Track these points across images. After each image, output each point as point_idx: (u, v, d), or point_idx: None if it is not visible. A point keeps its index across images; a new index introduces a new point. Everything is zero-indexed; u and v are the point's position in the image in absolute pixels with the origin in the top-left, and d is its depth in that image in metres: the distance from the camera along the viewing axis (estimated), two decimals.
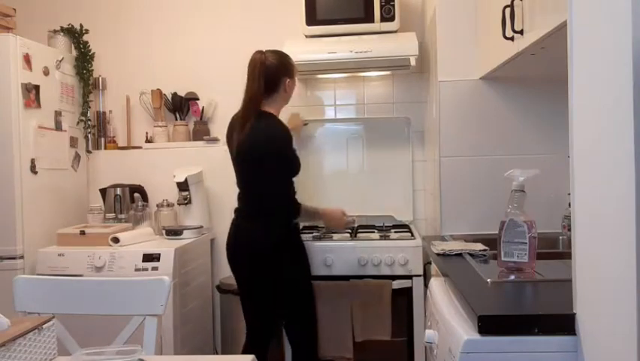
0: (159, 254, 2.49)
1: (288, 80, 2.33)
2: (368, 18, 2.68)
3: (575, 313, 1.10)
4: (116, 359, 1.19)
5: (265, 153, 2.24)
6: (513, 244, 1.49)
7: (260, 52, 2.33)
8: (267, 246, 2.24)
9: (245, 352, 2.43)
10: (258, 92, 2.27)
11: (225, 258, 2.39)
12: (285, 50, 2.65)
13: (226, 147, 2.49)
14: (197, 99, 3.13)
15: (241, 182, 2.38)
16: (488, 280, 1.41)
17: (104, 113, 3.20)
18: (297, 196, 2.36)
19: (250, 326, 2.37)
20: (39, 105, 2.69)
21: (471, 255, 1.75)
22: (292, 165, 2.31)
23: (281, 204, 2.30)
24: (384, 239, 2.52)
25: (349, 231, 2.70)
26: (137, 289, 1.58)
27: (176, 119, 3.13)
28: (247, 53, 3.08)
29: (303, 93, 3.09)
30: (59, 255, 2.55)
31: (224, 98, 3.15)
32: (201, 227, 2.86)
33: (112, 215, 2.91)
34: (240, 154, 2.32)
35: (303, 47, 2.70)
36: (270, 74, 2.28)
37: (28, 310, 1.58)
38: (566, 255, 1.51)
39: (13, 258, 2.52)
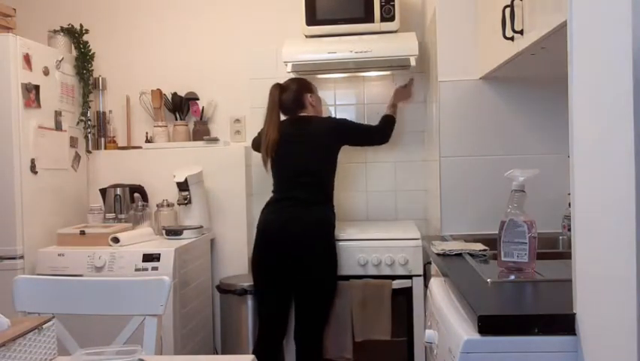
0: (159, 254, 2.49)
1: (309, 95, 2.60)
2: (368, 18, 2.68)
3: (575, 313, 1.10)
4: (116, 359, 1.19)
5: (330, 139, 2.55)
6: (513, 244, 1.49)
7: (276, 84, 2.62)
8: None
9: (256, 350, 2.45)
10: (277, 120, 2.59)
11: (226, 258, 2.41)
12: (285, 50, 2.67)
13: (229, 146, 2.51)
14: (197, 99, 3.13)
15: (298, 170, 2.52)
16: (488, 280, 1.41)
17: (104, 113, 3.20)
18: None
19: (266, 321, 2.44)
20: (39, 105, 2.69)
21: (471, 255, 1.75)
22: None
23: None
24: (385, 239, 2.51)
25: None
26: (137, 289, 1.58)
27: (176, 119, 3.13)
28: (247, 53, 3.11)
29: None
30: (59, 255, 2.55)
31: (224, 98, 3.15)
32: (201, 227, 2.86)
33: (112, 215, 2.91)
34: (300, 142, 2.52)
35: (303, 46, 2.70)
36: (290, 99, 2.60)
37: (28, 310, 1.58)
38: (566, 255, 1.50)
39: (13, 258, 2.52)
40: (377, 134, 2.68)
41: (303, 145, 2.51)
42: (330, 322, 2.45)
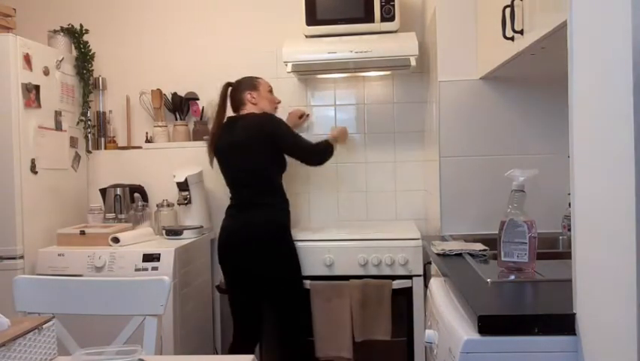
0: (159, 254, 2.49)
1: (249, 92, 2.56)
2: (368, 18, 2.68)
3: (575, 313, 1.10)
4: (116, 359, 1.19)
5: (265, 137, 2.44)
6: (513, 244, 1.49)
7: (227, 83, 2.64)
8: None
9: (231, 351, 2.46)
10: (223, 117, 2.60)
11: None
12: (285, 50, 2.67)
13: None
14: (197, 99, 3.13)
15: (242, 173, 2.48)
16: (488, 280, 1.41)
17: (104, 113, 3.20)
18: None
19: (240, 324, 2.46)
20: (39, 105, 2.69)
21: (471, 255, 1.75)
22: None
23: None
24: (385, 239, 2.51)
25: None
26: (137, 289, 1.58)
27: (176, 119, 3.13)
28: (247, 53, 3.11)
29: (303, 93, 3.09)
30: (59, 255, 2.55)
31: None
32: (201, 227, 2.86)
33: (112, 215, 2.91)
34: (238, 146, 2.45)
35: (303, 47, 2.70)
36: (233, 97, 2.59)
37: (28, 310, 1.58)
38: (566, 255, 1.51)
39: (13, 258, 2.52)
40: (316, 155, 2.55)
41: (235, 147, 2.47)
42: (313, 323, 2.45)
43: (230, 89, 2.62)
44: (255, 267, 2.38)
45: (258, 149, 2.43)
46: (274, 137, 2.43)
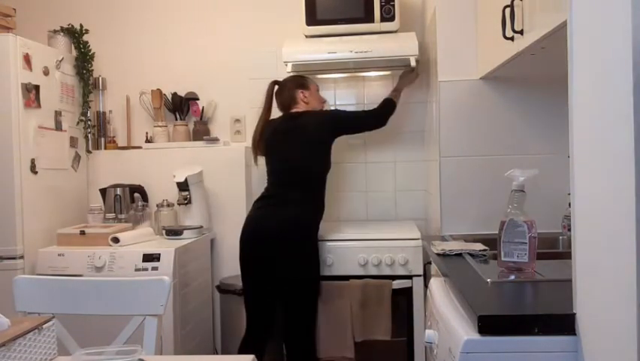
0: (159, 254, 2.49)
1: (301, 91, 2.59)
2: (368, 18, 2.68)
3: (575, 313, 1.10)
4: (116, 359, 1.19)
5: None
6: (513, 244, 1.49)
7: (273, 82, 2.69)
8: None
9: (242, 348, 2.44)
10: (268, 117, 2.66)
11: (226, 258, 2.41)
12: (285, 50, 2.67)
13: (229, 146, 2.51)
14: (197, 99, 3.13)
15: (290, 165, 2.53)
16: (488, 280, 1.41)
17: (104, 113, 3.20)
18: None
19: (253, 318, 2.43)
20: (39, 105, 2.69)
21: (471, 255, 1.75)
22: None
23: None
24: (385, 239, 2.51)
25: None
26: (137, 289, 1.58)
27: (176, 119, 3.13)
28: (247, 53, 3.11)
29: None
30: (59, 255, 2.55)
31: (224, 98, 3.15)
32: (201, 227, 2.86)
33: (112, 215, 2.91)
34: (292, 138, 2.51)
35: (303, 46, 2.70)
36: (283, 96, 2.63)
37: (28, 310, 1.58)
38: (566, 255, 1.51)
39: (13, 258, 2.52)
40: (372, 118, 2.63)
41: (289, 142, 2.51)
42: (317, 323, 2.44)
43: (276, 87, 2.66)
44: (277, 263, 2.35)
45: (317, 147, 2.50)
46: (336, 129, 2.55)
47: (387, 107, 2.65)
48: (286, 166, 2.51)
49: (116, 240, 2.59)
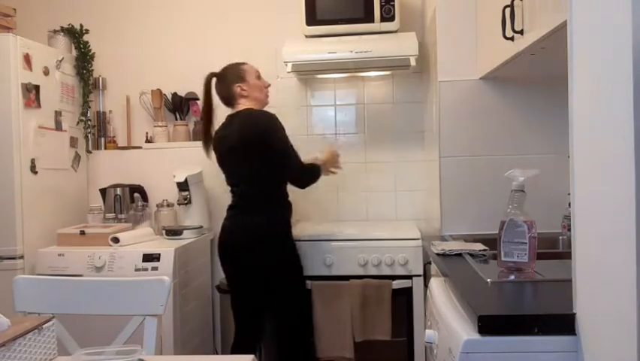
0: (159, 254, 2.49)
1: (237, 85, 2.38)
2: (368, 18, 2.68)
3: (575, 313, 1.10)
4: (116, 359, 1.19)
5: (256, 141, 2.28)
6: (513, 244, 1.49)
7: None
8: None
9: (233, 350, 2.44)
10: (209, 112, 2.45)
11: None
12: (285, 50, 2.67)
13: None
14: (197, 99, 3.13)
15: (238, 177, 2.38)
16: (488, 280, 1.41)
17: (104, 113, 3.20)
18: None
19: (241, 323, 2.40)
20: (39, 105, 2.69)
21: (471, 255, 1.75)
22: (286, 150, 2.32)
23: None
24: (385, 239, 2.51)
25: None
26: (137, 289, 1.58)
27: (176, 119, 3.13)
28: (247, 53, 3.10)
29: (303, 93, 3.09)
30: (59, 255, 2.55)
31: None
32: (201, 227, 2.86)
33: (112, 215, 2.91)
34: (232, 149, 2.32)
35: (303, 46, 2.70)
36: (222, 92, 2.42)
37: (28, 310, 1.58)
38: (566, 255, 1.50)
39: (13, 258, 2.52)
40: (304, 174, 2.39)
41: (234, 153, 2.32)
42: (315, 325, 2.43)
43: (214, 80, 2.43)
44: (252, 271, 2.31)
45: (252, 151, 2.27)
46: (266, 137, 2.26)
47: (316, 174, 2.42)
48: (237, 179, 2.36)
49: (116, 240, 2.59)
